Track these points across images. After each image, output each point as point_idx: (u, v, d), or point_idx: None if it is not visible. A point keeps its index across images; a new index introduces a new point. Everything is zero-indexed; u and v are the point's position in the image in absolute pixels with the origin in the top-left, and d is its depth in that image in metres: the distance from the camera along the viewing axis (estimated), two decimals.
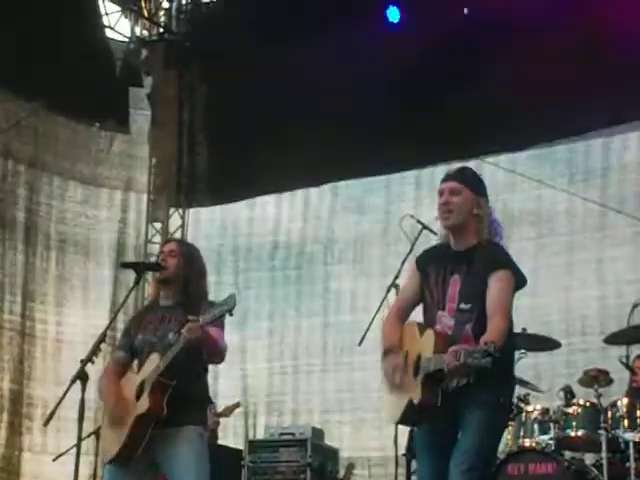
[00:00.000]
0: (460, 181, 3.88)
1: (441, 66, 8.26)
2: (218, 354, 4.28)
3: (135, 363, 4.40)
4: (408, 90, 8.36)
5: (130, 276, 9.36)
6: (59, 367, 9.52)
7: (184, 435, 4.18)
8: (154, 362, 4.19)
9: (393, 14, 8.76)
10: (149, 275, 4.84)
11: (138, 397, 4.18)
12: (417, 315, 4.09)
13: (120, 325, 8.56)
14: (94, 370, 4.13)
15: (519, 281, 3.83)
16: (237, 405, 8.15)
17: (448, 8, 8.40)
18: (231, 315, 4.03)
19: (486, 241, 3.87)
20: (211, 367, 4.50)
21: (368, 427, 9.20)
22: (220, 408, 8.12)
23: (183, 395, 4.16)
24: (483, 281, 3.74)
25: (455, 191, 3.85)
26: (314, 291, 9.94)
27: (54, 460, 6.94)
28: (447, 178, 3.94)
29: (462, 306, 3.75)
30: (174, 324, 4.21)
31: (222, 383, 9.63)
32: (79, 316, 9.85)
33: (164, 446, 4.17)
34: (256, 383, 9.89)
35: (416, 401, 3.66)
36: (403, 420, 3.86)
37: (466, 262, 3.82)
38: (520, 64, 7.98)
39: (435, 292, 3.88)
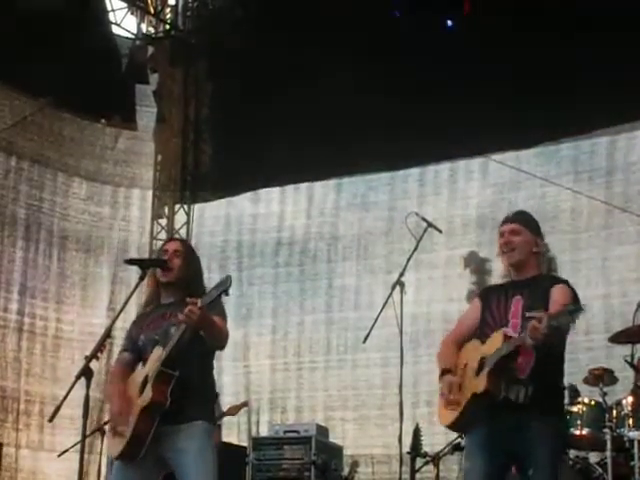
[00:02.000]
0: (520, 223, 4.24)
1: (445, 63, 8.24)
2: (221, 337, 4.24)
3: (141, 364, 4.38)
4: (412, 87, 8.35)
5: (130, 274, 9.39)
6: (57, 364, 9.53)
7: (191, 431, 4.17)
8: (157, 354, 4.18)
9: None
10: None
11: (142, 392, 4.17)
12: None
13: (122, 323, 8.60)
14: (96, 367, 4.12)
15: (576, 298, 4.05)
16: (245, 404, 8.13)
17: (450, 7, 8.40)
18: (227, 295, 4.03)
19: (546, 273, 4.21)
20: (214, 363, 4.48)
21: (372, 425, 9.19)
22: (224, 405, 8.10)
23: (188, 390, 4.15)
24: (545, 296, 4.01)
25: (515, 232, 4.20)
26: (318, 288, 9.92)
27: (59, 456, 6.96)
28: (507, 221, 4.28)
29: (528, 314, 3.95)
30: (175, 319, 4.18)
31: (225, 380, 9.63)
32: (77, 314, 9.85)
33: (171, 442, 4.16)
34: (259, 380, 9.89)
35: (480, 390, 3.87)
36: (462, 419, 4.02)
37: (528, 286, 4.13)
38: (524, 61, 7.97)
39: (496, 312, 4.14)
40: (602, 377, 6.09)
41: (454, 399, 4.02)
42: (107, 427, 4.43)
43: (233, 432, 9.23)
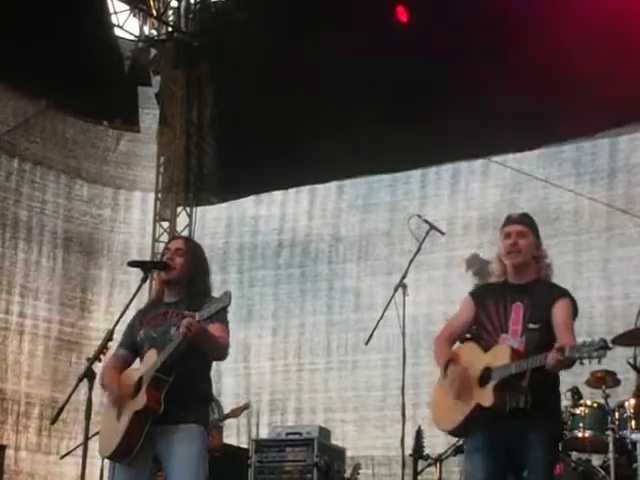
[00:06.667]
0: (526, 225, 4.33)
1: (447, 65, 8.24)
2: (219, 350, 4.25)
3: (138, 360, 4.39)
4: (413, 89, 8.34)
5: (130, 277, 9.37)
6: (56, 366, 9.53)
7: (184, 433, 4.19)
8: (152, 358, 4.18)
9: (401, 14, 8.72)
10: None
11: (136, 393, 4.17)
12: None
13: (123, 326, 8.60)
14: (98, 369, 4.12)
15: (576, 311, 4.19)
16: (247, 406, 8.11)
17: (449, 7, 8.39)
18: (225, 312, 4.09)
19: (544, 278, 4.30)
20: (214, 365, 4.47)
21: (372, 426, 9.19)
22: (225, 407, 8.09)
23: (184, 392, 4.15)
24: (547, 308, 4.10)
25: (522, 234, 4.29)
26: (318, 289, 9.92)
27: (61, 458, 6.96)
28: (514, 221, 4.36)
29: (531, 325, 4.08)
30: (176, 320, 4.19)
31: (226, 381, 9.63)
32: (76, 316, 9.85)
33: (164, 442, 4.18)
34: (259, 381, 9.88)
35: (488, 404, 3.95)
36: (464, 426, 4.08)
37: (528, 292, 4.20)
38: (528, 63, 7.96)
39: (496, 319, 4.20)
40: (604, 379, 6.10)
41: (457, 394, 4.04)
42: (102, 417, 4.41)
43: (233, 434, 9.23)
